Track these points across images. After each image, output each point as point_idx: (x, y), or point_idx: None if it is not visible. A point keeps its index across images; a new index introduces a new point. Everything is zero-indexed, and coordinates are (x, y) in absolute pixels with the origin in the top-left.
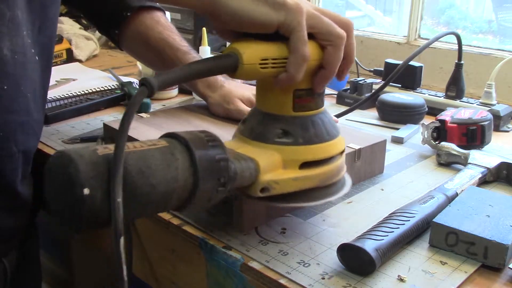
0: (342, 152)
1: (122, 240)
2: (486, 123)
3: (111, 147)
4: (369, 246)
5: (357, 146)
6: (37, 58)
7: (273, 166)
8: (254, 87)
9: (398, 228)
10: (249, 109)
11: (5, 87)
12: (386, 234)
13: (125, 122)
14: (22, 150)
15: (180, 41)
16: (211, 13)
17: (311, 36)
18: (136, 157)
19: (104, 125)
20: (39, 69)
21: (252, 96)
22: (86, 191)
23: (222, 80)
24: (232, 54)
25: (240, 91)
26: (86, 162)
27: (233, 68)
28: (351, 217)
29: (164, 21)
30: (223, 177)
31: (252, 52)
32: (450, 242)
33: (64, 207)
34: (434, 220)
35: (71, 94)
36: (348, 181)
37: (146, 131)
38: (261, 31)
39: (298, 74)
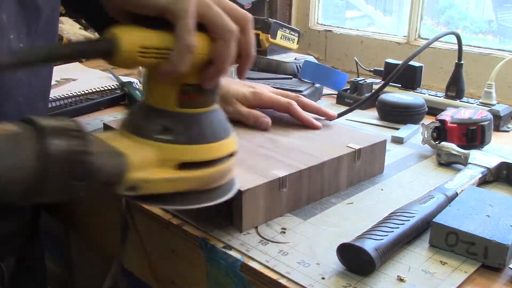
0: (229, 156)
1: None
2: (486, 123)
3: None
4: (369, 246)
5: (357, 146)
6: None
7: (146, 163)
8: (250, 83)
9: (398, 228)
10: (247, 109)
11: None
12: (386, 234)
13: None
14: None
15: None
16: None
17: (202, 27)
18: None
19: (104, 125)
20: (37, 72)
21: (248, 93)
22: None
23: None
24: (110, 38)
25: (235, 89)
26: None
27: (109, 54)
28: (351, 217)
29: None
30: (80, 170)
31: (132, 39)
32: (450, 242)
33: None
34: (434, 220)
35: (71, 94)
36: (235, 186)
37: None
38: (143, 12)
39: (181, 66)
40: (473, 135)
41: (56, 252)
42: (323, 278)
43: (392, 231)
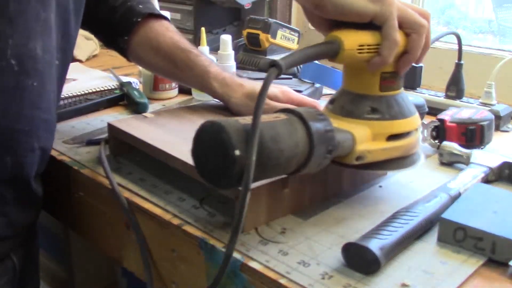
0: (417, 128)
1: (248, 194)
2: (485, 123)
3: (247, 119)
4: (374, 245)
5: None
6: (57, 62)
7: (365, 138)
8: (274, 84)
9: (402, 227)
10: (281, 104)
11: (35, 83)
12: (390, 233)
13: (262, 96)
14: (41, 146)
15: (190, 45)
16: (317, 4)
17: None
18: (268, 126)
19: (109, 124)
20: (59, 73)
21: (278, 92)
22: (237, 152)
23: (239, 78)
24: (334, 41)
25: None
26: (234, 129)
27: (334, 53)
28: (351, 217)
29: (172, 29)
30: (331, 145)
31: (352, 39)
32: (458, 238)
33: (216, 168)
34: (442, 216)
35: (71, 94)
36: (422, 154)
37: (150, 131)
38: (358, 20)
39: (390, 58)
40: (472, 135)
41: (56, 252)
42: (323, 278)
43: (397, 231)
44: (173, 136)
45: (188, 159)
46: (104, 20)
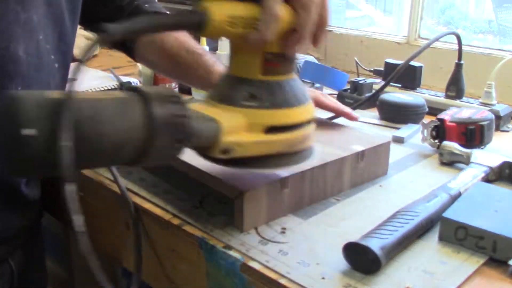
0: (310, 121)
1: (71, 187)
2: (485, 123)
3: (62, 93)
4: (375, 245)
5: (361, 148)
6: (56, 65)
7: (237, 128)
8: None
9: (403, 227)
10: None
11: (19, 87)
12: (391, 233)
13: (79, 67)
14: None
15: (196, 45)
16: None
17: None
18: (87, 105)
19: None
20: (58, 76)
21: (310, 93)
22: (27, 131)
23: None
24: (201, 11)
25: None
26: (32, 103)
27: (199, 25)
28: (351, 217)
29: None
30: (181, 133)
31: (220, 9)
32: (459, 237)
33: (6, 150)
34: (443, 215)
35: None
36: (314, 151)
37: None
38: None
39: (269, 33)
40: (472, 135)
41: (56, 252)
42: (323, 278)
43: (397, 230)
44: (224, 163)
45: (189, 159)
46: (111, 20)
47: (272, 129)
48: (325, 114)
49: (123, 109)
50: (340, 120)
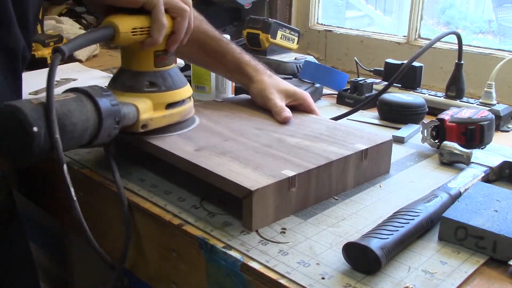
0: (190, 97)
1: (65, 166)
2: (485, 123)
3: (40, 99)
4: (375, 244)
5: (363, 146)
6: None
7: (147, 108)
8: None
9: (403, 227)
10: (283, 105)
11: None
12: (391, 232)
13: (51, 79)
14: None
15: (219, 34)
16: None
17: (165, 10)
18: (59, 104)
19: None
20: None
21: (289, 88)
22: (35, 128)
23: (268, 69)
24: (110, 25)
25: (273, 83)
26: (30, 108)
27: (112, 36)
28: (351, 217)
29: (200, 17)
30: (117, 116)
31: (125, 23)
32: (460, 237)
33: (16, 146)
34: (443, 215)
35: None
36: (197, 119)
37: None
38: (131, 6)
39: (159, 38)
40: (472, 135)
41: (54, 251)
42: (323, 278)
43: (397, 230)
44: (175, 135)
45: (191, 157)
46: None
47: (170, 106)
48: (326, 114)
49: (79, 105)
50: (341, 120)
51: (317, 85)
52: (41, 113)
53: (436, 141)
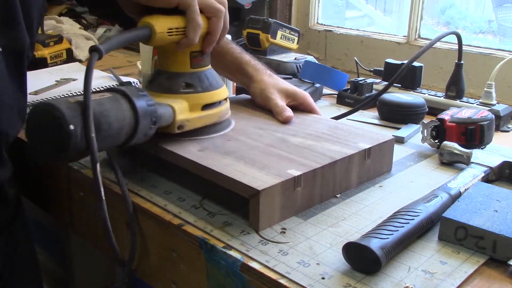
0: (226, 98)
1: (98, 166)
2: (485, 123)
3: (77, 98)
4: (375, 244)
5: (367, 145)
6: (0, 49)
7: (183, 109)
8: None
9: (403, 227)
10: (284, 105)
11: None
12: (391, 232)
13: (88, 78)
14: None
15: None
16: None
17: (200, 11)
18: (95, 103)
19: None
20: (5, 60)
21: (289, 88)
22: (71, 127)
23: (268, 69)
24: (146, 26)
25: (274, 82)
26: (66, 107)
27: (148, 37)
28: (351, 217)
29: None
30: (154, 117)
31: (162, 24)
32: (459, 237)
33: (52, 144)
34: (443, 215)
35: (71, 94)
36: (233, 121)
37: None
38: (166, 6)
39: (195, 38)
40: (472, 135)
41: (56, 252)
42: (323, 278)
43: (397, 230)
44: (177, 135)
45: (197, 158)
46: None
47: (206, 106)
48: (326, 114)
49: (115, 104)
50: (341, 120)
51: (317, 85)
52: (78, 112)
53: (436, 141)
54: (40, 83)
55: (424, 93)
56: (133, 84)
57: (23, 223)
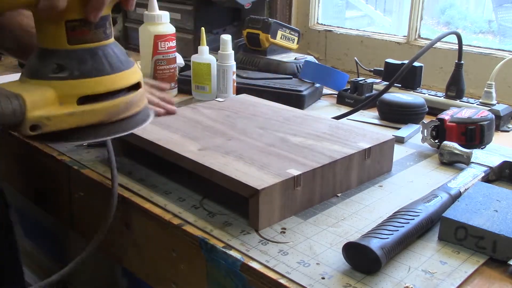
0: (133, 87)
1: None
2: (485, 123)
3: None
4: (375, 244)
5: (367, 145)
6: None
7: (45, 102)
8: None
9: (403, 227)
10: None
11: None
12: (391, 232)
13: None
14: None
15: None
16: None
17: None
18: None
19: None
20: None
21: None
22: None
23: None
24: None
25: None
26: None
27: None
28: (351, 217)
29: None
30: None
31: None
32: (459, 236)
33: None
34: (443, 215)
35: None
36: (150, 117)
37: (154, 131)
38: None
39: (57, 0)
40: (472, 135)
41: (56, 252)
42: (323, 278)
43: (397, 230)
44: (178, 136)
45: (196, 157)
46: None
47: (85, 99)
48: (326, 114)
49: None
50: (341, 120)
51: (317, 85)
52: None
53: (436, 141)
54: None
55: (424, 93)
56: None
57: (10, 233)
